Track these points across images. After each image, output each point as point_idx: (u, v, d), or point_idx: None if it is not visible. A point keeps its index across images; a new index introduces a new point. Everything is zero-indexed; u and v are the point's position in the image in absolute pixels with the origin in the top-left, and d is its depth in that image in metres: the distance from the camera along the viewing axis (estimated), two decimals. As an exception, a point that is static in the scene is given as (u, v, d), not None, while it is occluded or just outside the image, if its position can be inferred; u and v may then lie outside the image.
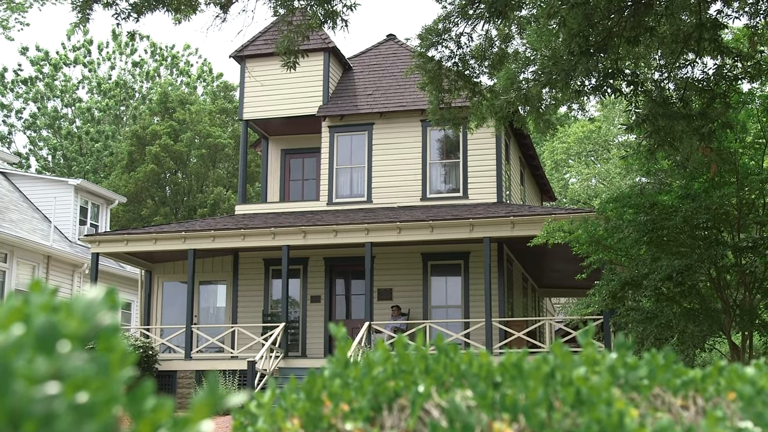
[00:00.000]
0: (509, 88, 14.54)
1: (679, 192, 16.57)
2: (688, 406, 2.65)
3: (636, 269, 16.78)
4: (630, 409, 2.28)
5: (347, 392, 2.74)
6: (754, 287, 16.85)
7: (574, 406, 2.32)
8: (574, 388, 2.35)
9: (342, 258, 28.22)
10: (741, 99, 16.27)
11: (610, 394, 2.32)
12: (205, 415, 1.37)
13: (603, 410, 2.22)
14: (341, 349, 3.00)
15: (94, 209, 39.64)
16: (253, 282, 29.31)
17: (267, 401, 3.06)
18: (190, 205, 51.41)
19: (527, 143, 31.74)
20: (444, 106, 16.59)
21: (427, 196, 27.95)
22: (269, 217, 28.00)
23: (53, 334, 1.24)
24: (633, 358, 2.76)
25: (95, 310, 1.28)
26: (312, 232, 25.59)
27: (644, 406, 2.55)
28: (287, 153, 31.72)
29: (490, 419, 2.32)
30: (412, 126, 28.61)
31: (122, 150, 54.10)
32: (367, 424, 2.51)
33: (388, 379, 2.78)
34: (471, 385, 2.44)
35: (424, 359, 2.84)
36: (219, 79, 65.62)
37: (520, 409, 2.29)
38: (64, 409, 1.19)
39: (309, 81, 29.67)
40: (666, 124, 13.64)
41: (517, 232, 23.96)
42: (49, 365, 1.22)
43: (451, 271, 27.28)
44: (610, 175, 52.16)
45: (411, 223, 24.64)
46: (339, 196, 28.92)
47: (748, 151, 16.86)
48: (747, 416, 2.39)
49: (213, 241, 26.50)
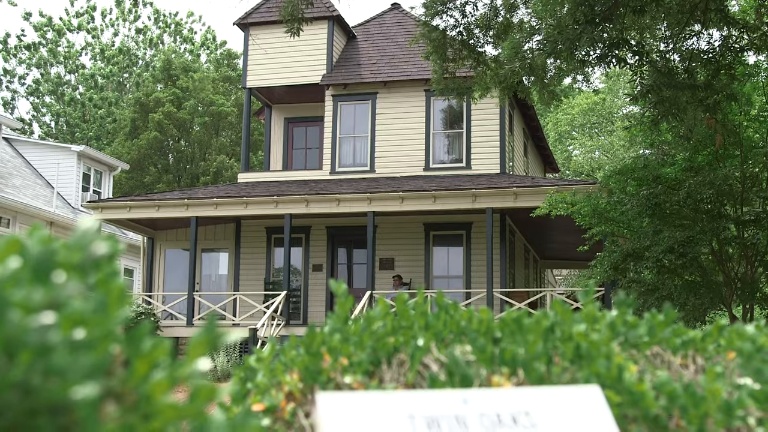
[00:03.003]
0: (514, 58, 14.48)
1: (683, 165, 16.52)
2: (688, 365, 2.65)
3: (638, 241, 16.75)
4: (629, 364, 2.27)
5: (347, 347, 2.73)
6: (756, 260, 16.84)
7: (573, 360, 2.31)
8: (573, 343, 2.35)
9: (344, 227, 28.21)
10: (747, 72, 16.21)
11: (609, 348, 2.32)
12: (201, 353, 1.36)
13: (602, 364, 2.22)
14: (341, 305, 2.99)
15: (97, 176, 39.61)
16: (255, 250, 29.32)
17: (266, 356, 3.06)
18: (192, 173, 51.36)
19: (531, 114, 31.65)
20: (448, 76, 16.54)
21: (430, 167, 27.89)
22: (272, 185, 27.96)
23: (49, 264, 1.23)
24: (633, 317, 2.75)
25: (90, 238, 1.27)
26: (315, 201, 25.55)
27: (643, 364, 2.55)
28: (290, 121, 31.65)
29: (489, 373, 2.31)
30: (416, 96, 28.53)
31: (125, 117, 53.96)
32: (366, 378, 2.51)
33: (388, 335, 2.78)
34: (470, 340, 2.43)
35: (424, 315, 2.83)
36: (222, 46, 65.35)
37: (519, 362, 2.29)
38: (59, 340, 1.18)
39: (313, 49, 29.56)
40: (670, 94, 13.58)
41: (519, 203, 23.92)
42: (44, 294, 1.21)
43: (453, 242, 27.26)
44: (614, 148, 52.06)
45: (414, 192, 24.60)
46: (342, 165, 28.87)
47: (752, 124, 16.80)
48: (746, 373, 2.38)
49: (215, 209, 26.47)
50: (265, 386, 2.88)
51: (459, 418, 1.74)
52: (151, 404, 1.30)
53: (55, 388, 1.18)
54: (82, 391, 1.19)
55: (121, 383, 1.45)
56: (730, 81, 14.42)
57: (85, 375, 1.22)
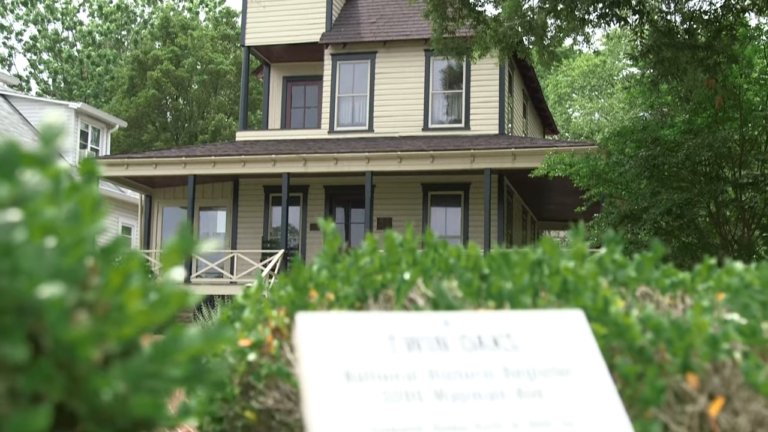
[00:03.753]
0: (514, 17, 14.42)
1: (682, 127, 16.50)
2: (677, 304, 2.63)
3: (636, 203, 16.75)
4: (616, 299, 2.26)
5: (334, 283, 2.72)
6: (753, 223, 16.85)
7: (560, 295, 2.30)
8: (560, 277, 2.33)
9: (342, 186, 28.18)
10: (748, 34, 16.15)
11: (596, 282, 2.30)
12: (176, 261, 1.34)
13: (588, 297, 2.21)
14: (329, 243, 2.97)
15: (95, 133, 39.53)
16: (252, 209, 29.33)
17: (254, 292, 3.05)
18: (191, 132, 51.26)
19: (531, 75, 31.55)
20: (447, 35, 16.46)
21: (429, 127, 27.84)
22: (270, 144, 27.92)
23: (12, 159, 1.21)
24: (622, 257, 2.74)
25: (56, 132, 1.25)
26: (312, 160, 25.52)
27: (631, 301, 2.54)
28: (289, 80, 31.55)
29: (475, 306, 2.30)
30: (415, 56, 28.43)
31: (123, 75, 53.77)
32: (353, 312, 2.49)
33: (376, 272, 2.76)
34: (457, 275, 2.42)
35: (412, 252, 2.81)
36: (221, 4, 64.93)
37: (505, 296, 2.27)
38: (25, 238, 1.16)
39: (312, 8, 29.43)
40: (671, 54, 13.54)
41: (518, 164, 23.89)
42: (9, 190, 1.19)
43: (451, 202, 27.25)
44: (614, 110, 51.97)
45: (412, 152, 24.56)
46: (340, 125, 28.82)
47: (753, 87, 16.76)
48: (734, 308, 2.37)
49: (213, 167, 26.44)
50: (252, 322, 2.87)
51: (440, 339, 1.72)
52: (124, 312, 1.28)
53: (21, 287, 1.16)
54: (48, 290, 1.17)
55: (95, 295, 1.43)
56: (731, 42, 14.36)
57: (52, 275, 1.20)
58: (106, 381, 1.21)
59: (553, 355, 1.76)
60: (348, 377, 1.62)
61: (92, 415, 1.25)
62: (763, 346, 2.18)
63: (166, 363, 1.32)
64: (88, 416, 1.25)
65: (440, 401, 1.61)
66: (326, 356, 1.65)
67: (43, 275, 1.18)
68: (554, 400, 1.67)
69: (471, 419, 1.59)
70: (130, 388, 1.25)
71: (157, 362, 1.31)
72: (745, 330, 2.14)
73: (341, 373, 1.62)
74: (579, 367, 1.74)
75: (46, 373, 1.20)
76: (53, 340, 1.20)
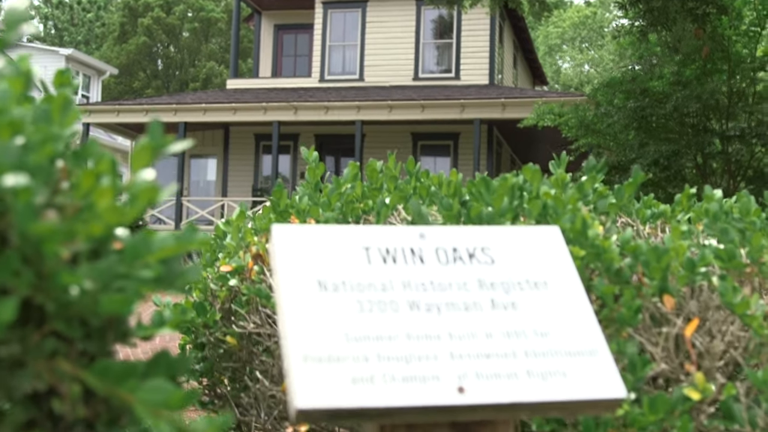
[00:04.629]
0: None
1: (671, 78, 16.47)
2: (657, 234, 2.64)
3: (623, 154, 16.76)
4: (595, 223, 2.26)
5: (315, 209, 2.72)
6: (739, 175, 16.89)
7: (539, 219, 2.30)
8: (540, 201, 2.33)
9: (333, 136, 28.11)
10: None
11: (575, 206, 2.30)
12: (146, 161, 1.33)
13: (567, 219, 2.20)
14: (311, 171, 2.97)
15: (86, 80, 39.32)
16: (243, 157, 29.27)
17: (236, 220, 3.05)
18: (182, 80, 51.02)
19: (521, 26, 31.41)
20: (439, -16, 16.37)
21: (420, 77, 27.76)
22: (261, 92, 27.82)
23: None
24: (603, 187, 2.74)
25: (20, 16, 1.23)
26: (303, 108, 25.44)
27: (611, 227, 2.54)
28: (280, 28, 31.33)
29: (454, 229, 2.29)
30: (406, 5, 28.27)
31: (114, 21, 53.39)
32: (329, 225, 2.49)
33: (357, 200, 2.76)
34: (438, 200, 2.41)
35: (394, 179, 2.81)
36: (213, -48, 64.47)
37: (485, 219, 2.27)
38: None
39: (304, -45, 29.22)
40: (660, 4, 13.48)
41: (507, 114, 23.86)
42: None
43: (441, 152, 27.23)
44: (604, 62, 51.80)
45: (402, 102, 24.51)
46: (331, 73, 28.70)
47: (741, 39, 16.69)
48: (712, 233, 2.37)
49: (204, 114, 26.35)
50: (234, 249, 2.87)
51: (415, 251, 1.72)
52: (93, 211, 1.27)
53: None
54: (13, 179, 1.16)
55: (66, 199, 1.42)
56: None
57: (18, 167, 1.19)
58: (75, 278, 1.21)
59: (529, 268, 1.76)
60: (322, 286, 1.62)
61: (61, 313, 1.25)
62: (740, 271, 2.18)
63: (136, 264, 1.31)
64: (57, 314, 1.25)
65: (414, 311, 1.61)
66: (301, 266, 1.65)
67: (8, 166, 1.17)
68: (529, 312, 1.67)
69: (444, 329, 1.60)
70: (99, 288, 1.25)
71: (128, 263, 1.30)
72: (723, 254, 2.15)
73: (315, 283, 1.62)
74: (554, 281, 1.74)
75: (12, 267, 1.20)
76: (20, 234, 1.20)
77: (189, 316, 2.83)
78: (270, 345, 2.65)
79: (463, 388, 1.52)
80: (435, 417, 1.52)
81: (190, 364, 1.38)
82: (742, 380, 2.13)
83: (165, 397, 1.19)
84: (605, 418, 1.89)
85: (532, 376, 1.57)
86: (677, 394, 1.86)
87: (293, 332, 1.53)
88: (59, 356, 1.29)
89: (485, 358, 1.58)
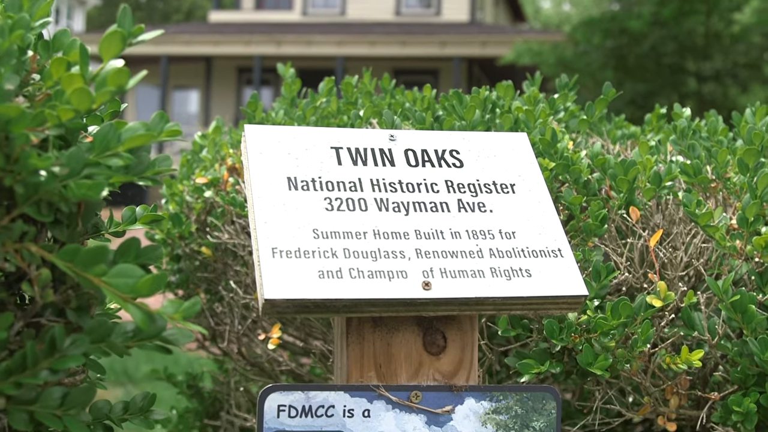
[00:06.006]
0: None
1: (649, 18, 16.49)
2: (626, 153, 2.67)
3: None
4: (565, 137, 2.28)
5: (290, 122, 2.73)
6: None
7: (510, 131, 2.32)
8: (512, 116, 2.35)
9: (314, 70, 27.82)
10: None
11: (546, 120, 2.32)
12: (115, 50, 1.33)
13: (538, 132, 2.23)
14: (287, 87, 2.98)
15: (69, 10, 38.93)
16: (225, 90, 29.19)
17: (211, 133, 3.06)
18: (164, 12, 50.59)
19: (505, -37, 31.28)
20: None
21: (401, 12, 27.64)
22: (243, 26, 27.69)
23: None
24: (575, 106, 2.76)
25: None
26: (286, 42, 25.36)
27: (582, 143, 2.57)
28: (263, -41, 31.07)
29: (427, 141, 2.31)
30: (391, -61, 28.05)
31: (95, -50, 52.72)
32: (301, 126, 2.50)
33: (332, 115, 2.77)
34: (412, 115, 2.43)
35: (369, 95, 2.82)
36: None
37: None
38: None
39: None
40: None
41: (487, 51, 23.85)
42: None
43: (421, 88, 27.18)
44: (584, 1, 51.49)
45: (383, 36, 24.46)
46: (314, 6, 28.53)
47: (718, -21, 16.69)
48: (679, 149, 2.40)
49: (186, 46, 26.22)
50: (210, 161, 2.88)
51: (385, 152, 1.74)
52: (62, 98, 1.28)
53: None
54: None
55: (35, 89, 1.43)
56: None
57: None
58: (43, 162, 1.22)
59: (497, 172, 1.78)
60: (293, 184, 1.64)
61: (30, 196, 1.26)
62: (705, 186, 2.21)
63: (106, 154, 1.32)
64: (26, 197, 1.26)
65: (382, 210, 1.63)
66: (272, 164, 1.67)
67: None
68: (496, 213, 1.70)
69: (411, 227, 1.63)
70: (68, 173, 1.26)
71: (98, 152, 1.31)
72: (689, 169, 2.17)
73: (285, 180, 1.64)
74: (521, 185, 1.77)
75: (-18, 146, 1.21)
76: (-11, 114, 1.20)
77: (165, 226, 2.85)
78: (244, 255, 2.67)
79: (429, 283, 1.55)
80: (400, 311, 1.55)
81: (161, 253, 1.40)
82: (703, 291, 2.18)
83: (134, 282, 1.20)
84: (568, 322, 1.92)
85: (496, 275, 1.60)
86: (639, 301, 1.90)
87: (262, 226, 1.56)
88: (28, 240, 1.30)
89: (451, 256, 1.61)
